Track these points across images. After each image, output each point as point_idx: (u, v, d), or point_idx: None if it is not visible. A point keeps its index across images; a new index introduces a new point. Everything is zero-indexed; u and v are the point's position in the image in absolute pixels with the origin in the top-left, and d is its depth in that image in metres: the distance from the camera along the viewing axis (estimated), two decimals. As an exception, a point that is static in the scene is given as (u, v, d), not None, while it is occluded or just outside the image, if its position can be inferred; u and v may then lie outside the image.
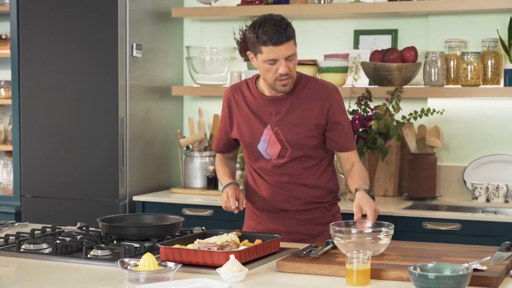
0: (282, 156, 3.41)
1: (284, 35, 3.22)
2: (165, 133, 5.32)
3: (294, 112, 3.38)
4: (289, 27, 3.26)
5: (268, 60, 3.25)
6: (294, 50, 3.27)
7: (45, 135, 5.08)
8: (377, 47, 4.97)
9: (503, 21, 4.69)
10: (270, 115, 3.40)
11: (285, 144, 3.39)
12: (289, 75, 3.29)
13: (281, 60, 3.25)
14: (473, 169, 4.80)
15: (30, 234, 3.34)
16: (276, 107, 3.39)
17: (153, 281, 2.60)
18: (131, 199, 4.96)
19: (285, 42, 3.22)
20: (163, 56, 5.31)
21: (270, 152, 3.42)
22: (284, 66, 3.25)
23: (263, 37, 3.22)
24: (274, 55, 3.24)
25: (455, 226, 4.25)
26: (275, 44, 3.22)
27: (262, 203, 3.51)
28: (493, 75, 4.68)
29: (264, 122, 3.41)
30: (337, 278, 2.73)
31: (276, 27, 3.21)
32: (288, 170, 3.43)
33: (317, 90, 3.41)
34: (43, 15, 5.05)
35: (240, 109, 3.48)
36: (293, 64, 3.29)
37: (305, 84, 3.42)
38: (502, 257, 2.86)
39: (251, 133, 3.44)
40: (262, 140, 3.41)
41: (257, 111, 3.43)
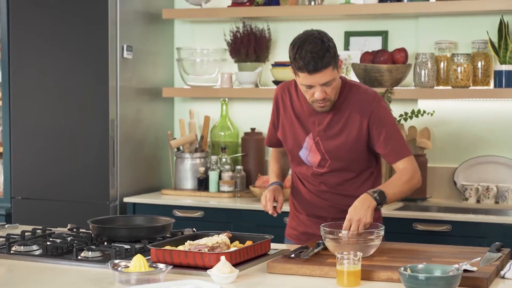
0: (322, 166, 3.37)
1: (320, 63, 3.11)
2: (155, 135, 5.32)
3: (335, 125, 3.32)
4: (328, 52, 3.13)
5: (304, 85, 3.20)
6: (331, 77, 3.16)
7: (36, 137, 5.07)
8: (367, 49, 4.97)
9: (493, 22, 4.70)
10: (313, 124, 3.34)
11: (325, 155, 3.34)
12: (327, 99, 3.22)
13: (317, 87, 3.17)
14: (464, 170, 4.82)
15: (20, 236, 3.34)
16: (319, 117, 3.33)
17: (144, 283, 2.60)
18: (122, 201, 4.95)
19: (320, 70, 3.12)
20: (154, 57, 5.30)
21: (311, 161, 3.38)
22: (319, 92, 3.18)
23: (300, 62, 3.13)
24: (309, 81, 3.16)
25: (446, 227, 4.26)
26: (310, 73, 3.13)
27: (303, 206, 3.49)
28: (483, 77, 4.69)
29: (307, 130, 3.36)
30: (328, 279, 2.74)
31: (312, 54, 3.11)
32: (326, 180, 3.39)
33: (357, 100, 3.31)
34: (33, 16, 5.04)
35: (286, 111, 3.43)
36: (331, 88, 3.20)
37: (348, 94, 3.33)
38: (492, 258, 2.86)
39: (294, 138, 3.39)
40: (304, 147, 3.37)
41: (302, 117, 3.37)
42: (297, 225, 3.55)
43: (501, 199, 4.67)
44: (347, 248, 2.84)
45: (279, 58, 5.20)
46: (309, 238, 3.44)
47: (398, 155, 3.32)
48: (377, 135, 3.30)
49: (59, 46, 4.99)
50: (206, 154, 5.18)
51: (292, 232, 3.56)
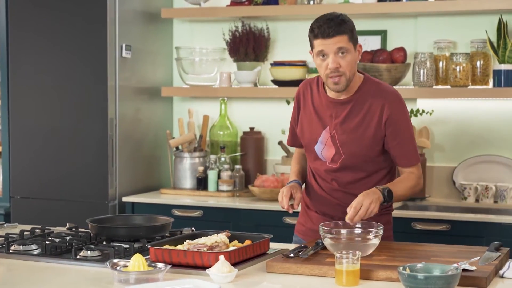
0: (335, 161, 3.34)
1: (335, 29, 3.17)
2: (154, 134, 5.32)
3: (353, 118, 3.29)
4: (345, 23, 3.20)
5: (319, 53, 3.20)
6: (346, 45, 3.18)
7: (35, 136, 5.07)
8: (366, 48, 4.97)
9: (492, 22, 4.70)
10: (331, 118, 3.33)
11: (340, 150, 3.31)
12: (340, 72, 3.20)
13: (330, 55, 3.18)
14: (463, 169, 4.82)
15: (19, 235, 3.33)
16: (336, 110, 3.31)
17: (143, 282, 2.60)
18: (121, 200, 4.95)
19: (335, 35, 3.17)
20: (153, 57, 5.30)
21: (325, 155, 3.35)
22: (332, 60, 3.17)
23: (315, 30, 3.20)
24: (323, 47, 3.18)
25: (445, 227, 4.26)
26: (324, 37, 3.18)
27: (313, 202, 3.48)
28: (482, 76, 4.70)
29: (324, 124, 3.34)
30: (327, 278, 2.74)
31: (328, 20, 3.20)
32: (338, 177, 3.36)
33: (379, 97, 3.29)
34: (32, 16, 5.04)
35: (305, 106, 3.43)
36: (346, 61, 3.19)
37: (369, 88, 3.31)
38: (491, 257, 2.87)
39: (311, 132, 3.39)
40: (320, 141, 3.35)
41: (320, 111, 3.36)
42: (305, 221, 3.54)
43: (500, 198, 4.67)
44: (346, 248, 2.84)
45: (278, 57, 5.20)
46: (315, 235, 3.44)
47: (409, 161, 3.33)
48: (393, 136, 3.27)
49: (58, 46, 4.99)
50: (205, 153, 5.18)
51: (300, 228, 3.55)
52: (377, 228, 2.97)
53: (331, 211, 3.42)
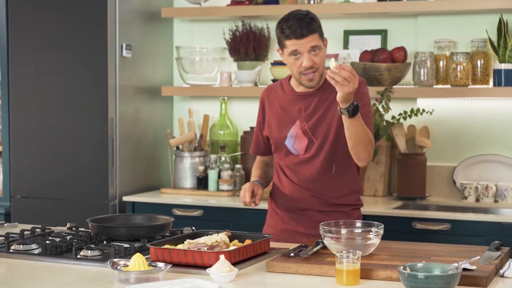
0: (308, 151, 3.43)
1: (307, 29, 3.27)
2: (155, 133, 5.32)
3: (321, 107, 3.41)
4: (314, 22, 3.31)
5: (292, 53, 3.31)
6: (318, 43, 3.31)
7: (35, 136, 5.07)
8: (366, 47, 4.98)
9: (492, 21, 4.70)
10: (299, 111, 3.44)
11: (312, 138, 3.41)
12: (314, 68, 3.33)
13: (304, 53, 3.30)
14: (463, 169, 4.82)
15: (19, 235, 3.33)
16: (305, 102, 3.44)
17: (143, 282, 2.60)
18: (121, 200, 4.95)
19: (307, 35, 3.28)
20: (153, 56, 5.30)
21: (298, 147, 3.44)
22: (307, 58, 3.30)
23: (287, 31, 3.29)
24: (297, 47, 3.29)
25: (445, 226, 4.26)
26: (297, 38, 3.28)
27: (283, 201, 3.52)
28: (482, 75, 4.69)
29: (293, 118, 3.45)
30: (327, 278, 2.74)
31: (299, 21, 3.28)
32: (312, 167, 3.44)
33: None
34: (32, 16, 5.04)
35: (272, 107, 3.53)
36: (319, 57, 3.33)
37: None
38: (492, 256, 2.87)
39: (280, 128, 3.47)
40: (290, 135, 3.44)
41: (287, 107, 3.47)
42: (276, 223, 3.57)
43: (500, 197, 4.67)
44: (346, 247, 2.84)
45: (278, 57, 5.19)
46: (288, 235, 3.46)
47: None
48: None
49: (58, 45, 4.99)
50: (205, 153, 5.18)
51: (270, 231, 3.56)
52: (378, 228, 2.97)
53: (306, 205, 3.47)
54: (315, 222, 3.42)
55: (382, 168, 4.87)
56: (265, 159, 3.70)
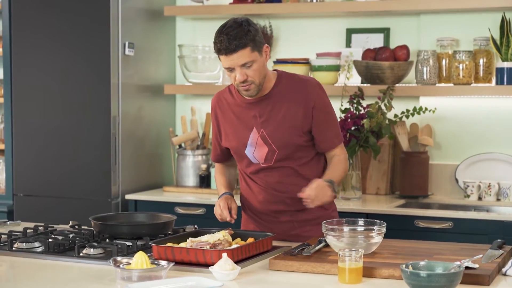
0: (269, 160, 3.35)
1: (235, 43, 3.14)
2: (157, 132, 5.32)
3: (278, 112, 3.31)
4: (245, 35, 3.16)
5: (226, 68, 3.22)
6: (249, 58, 3.17)
7: (38, 134, 5.07)
8: (369, 46, 4.97)
9: (494, 19, 4.70)
10: (255, 118, 3.34)
11: (272, 146, 3.32)
12: (249, 81, 3.22)
13: (236, 68, 3.19)
14: (465, 167, 4.82)
15: (22, 233, 3.34)
16: (259, 109, 3.33)
17: (146, 280, 2.60)
18: (124, 198, 4.96)
19: (236, 50, 3.15)
20: (156, 54, 5.30)
21: (258, 156, 3.35)
22: (239, 73, 3.19)
23: (218, 45, 3.18)
24: (228, 63, 3.19)
25: (447, 224, 4.26)
26: (226, 54, 3.17)
27: (258, 206, 3.45)
28: (485, 74, 4.69)
29: (249, 126, 3.35)
30: (330, 276, 2.74)
31: (228, 36, 3.14)
32: (277, 172, 3.37)
33: (299, 87, 3.33)
34: (35, 14, 5.04)
35: (225, 117, 3.43)
36: (253, 70, 3.20)
37: (287, 82, 3.34)
38: (494, 255, 2.87)
39: (238, 138, 3.38)
40: (249, 144, 3.35)
41: (241, 115, 3.37)
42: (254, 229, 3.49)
43: (502, 196, 4.67)
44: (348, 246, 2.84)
45: (281, 55, 5.20)
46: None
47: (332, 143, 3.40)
48: (319, 121, 3.33)
49: (61, 44, 4.99)
50: (207, 151, 5.18)
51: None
52: (380, 226, 2.97)
53: (281, 206, 3.42)
54: (293, 223, 3.43)
55: (384, 166, 4.87)
56: (227, 163, 3.62)
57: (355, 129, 4.65)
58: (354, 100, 4.71)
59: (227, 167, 3.64)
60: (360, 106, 4.72)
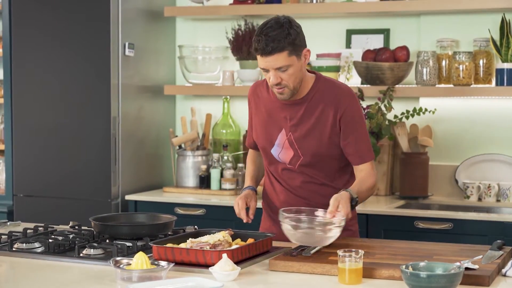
0: (293, 164, 3.30)
1: (273, 46, 3.07)
2: (157, 132, 5.32)
3: (308, 118, 3.25)
4: (285, 38, 3.08)
5: (261, 68, 3.16)
6: (286, 62, 3.10)
7: (38, 134, 5.08)
8: (369, 47, 4.98)
9: (494, 20, 4.70)
10: (285, 120, 3.28)
11: (298, 152, 3.27)
12: (283, 85, 3.16)
13: (271, 71, 3.12)
14: (465, 168, 4.82)
15: (22, 233, 3.34)
16: (291, 112, 3.27)
17: (146, 280, 2.60)
18: (124, 198, 4.96)
19: (273, 53, 3.08)
20: (156, 55, 5.31)
21: (283, 158, 3.31)
22: (273, 76, 3.13)
23: (255, 44, 3.11)
24: (263, 64, 3.13)
25: (447, 225, 4.26)
26: (262, 55, 3.11)
27: (279, 205, 3.39)
28: (484, 75, 4.70)
29: (279, 126, 3.30)
30: (330, 277, 2.74)
31: (267, 36, 3.08)
32: (300, 176, 3.33)
33: (332, 95, 3.25)
34: (35, 14, 5.04)
35: (258, 110, 3.38)
36: (288, 74, 3.13)
37: (321, 87, 3.27)
38: (494, 256, 2.87)
39: (266, 135, 3.34)
40: (277, 144, 3.31)
41: (273, 114, 3.32)
42: (270, 226, 3.48)
43: (502, 197, 4.68)
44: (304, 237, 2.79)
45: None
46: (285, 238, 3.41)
47: (362, 158, 3.28)
48: (347, 133, 3.25)
49: (61, 44, 5.00)
50: (207, 151, 5.18)
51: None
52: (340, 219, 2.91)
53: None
54: None
55: (384, 167, 4.87)
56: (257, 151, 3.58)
57: (355, 130, 4.64)
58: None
59: (259, 156, 3.58)
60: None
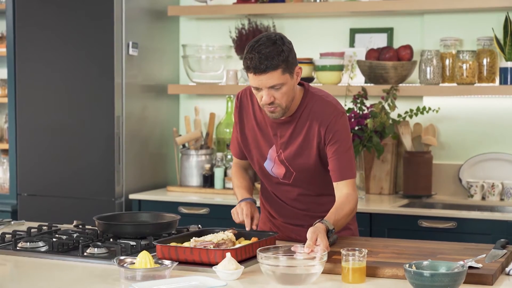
0: (287, 178, 3.27)
1: (266, 64, 2.98)
2: (161, 132, 5.33)
3: (297, 137, 3.20)
4: (278, 55, 3.00)
5: (253, 87, 3.07)
6: (279, 81, 3.02)
7: (41, 134, 5.08)
8: (372, 46, 4.97)
9: (498, 19, 4.70)
10: (276, 137, 3.23)
11: (290, 168, 3.24)
12: (275, 104, 3.07)
13: (264, 89, 3.04)
14: (469, 167, 4.82)
15: (26, 233, 3.35)
16: (280, 130, 3.21)
17: (150, 279, 2.61)
18: (128, 197, 4.96)
19: (267, 71, 2.99)
20: (159, 54, 5.31)
21: (276, 172, 3.28)
22: (266, 95, 3.04)
23: (247, 62, 3.02)
24: (256, 83, 3.04)
25: (451, 224, 4.26)
26: (255, 73, 3.01)
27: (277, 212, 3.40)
28: (488, 74, 4.69)
29: (270, 142, 3.25)
30: (333, 276, 2.74)
31: (260, 54, 2.98)
32: (294, 191, 3.31)
33: (318, 111, 3.18)
34: (39, 14, 5.05)
35: (248, 120, 3.30)
36: (281, 93, 3.05)
37: (308, 104, 3.20)
38: (497, 254, 2.87)
39: (258, 149, 3.29)
40: (269, 159, 3.27)
41: (264, 128, 3.26)
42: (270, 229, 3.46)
43: (506, 196, 4.67)
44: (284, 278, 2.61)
45: (285, 55, 5.20)
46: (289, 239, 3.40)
47: (342, 175, 3.17)
48: (329, 148, 3.17)
49: (65, 43, 5.00)
50: (211, 151, 5.19)
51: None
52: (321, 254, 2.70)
53: (299, 221, 3.35)
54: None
55: (388, 166, 4.87)
56: (243, 164, 3.48)
57: (359, 129, 4.65)
58: (358, 100, 4.71)
59: (245, 170, 3.50)
60: (364, 106, 4.72)
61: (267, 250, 2.75)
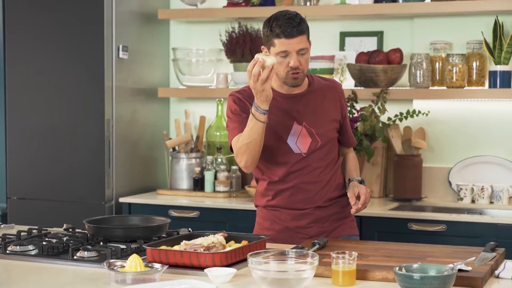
0: (312, 149, 3.42)
1: (297, 29, 3.27)
2: (151, 135, 5.32)
3: (320, 108, 3.45)
4: (303, 23, 3.31)
5: (280, 53, 3.29)
6: (306, 45, 3.31)
7: (31, 137, 5.07)
8: (362, 49, 4.98)
9: (487, 23, 4.71)
10: (297, 112, 3.42)
11: (316, 138, 3.42)
12: (300, 70, 3.32)
13: (293, 53, 3.29)
14: (458, 170, 4.83)
15: (16, 236, 3.34)
16: (298, 104, 3.43)
17: (140, 282, 2.60)
18: (117, 201, 4.96)
19: (297, 35, 3.27)
20: (149, 57, 5.31)
21: (301, 146, 3.41)
22: (295, 59, 3.29)
23: (277, 30, 3.28)
24: (286, 47, 3.28)
25: (441, 227, 4.27)
26: (287, 37, 3.27)
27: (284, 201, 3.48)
28: (478, 77, 4.71)
29: (291, 119, 3.41)
30: (323, 279, 2.74)
31: (290, 20, 3.28)
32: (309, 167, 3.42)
33: (326, 84, 3.52)
34: (29, 17, 5.04)
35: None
36: (305, 59, 3.33)
37: (317, 81, 3.51)
38: (487, 257, 2.88)
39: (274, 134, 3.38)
40: (292, 134, 3.41)
41: (279, 110, 3.40)
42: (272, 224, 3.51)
43: (495, 199, 4.68)
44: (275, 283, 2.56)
45: (275, 58, 5.20)
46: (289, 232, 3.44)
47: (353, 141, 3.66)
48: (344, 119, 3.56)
49: (55, 46, 4.99)
50: (201, 154, 5.19)
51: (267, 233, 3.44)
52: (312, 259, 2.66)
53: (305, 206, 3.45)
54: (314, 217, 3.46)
55: (378, 169, 4.88)
56: None
57: (349, 132, 4.65)
58: (348, 103, 4.72)
59: None
60: (354, 109, 4.73)
61: (258, 255, 2.74)
